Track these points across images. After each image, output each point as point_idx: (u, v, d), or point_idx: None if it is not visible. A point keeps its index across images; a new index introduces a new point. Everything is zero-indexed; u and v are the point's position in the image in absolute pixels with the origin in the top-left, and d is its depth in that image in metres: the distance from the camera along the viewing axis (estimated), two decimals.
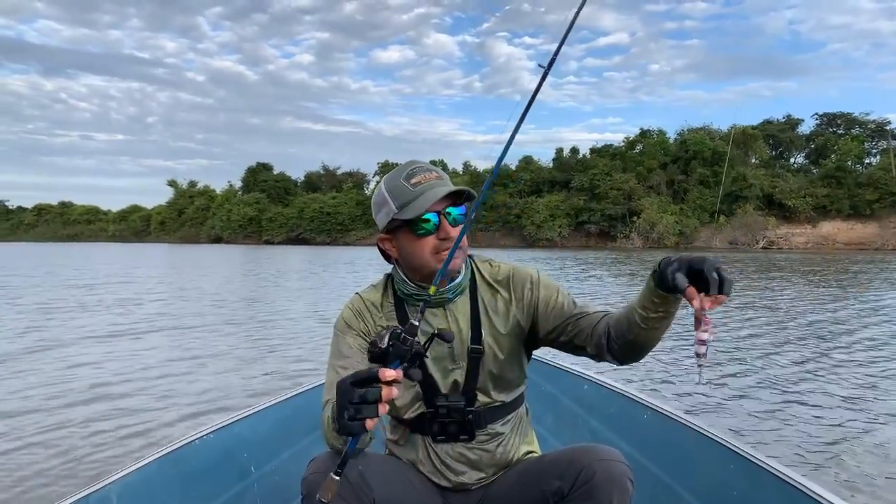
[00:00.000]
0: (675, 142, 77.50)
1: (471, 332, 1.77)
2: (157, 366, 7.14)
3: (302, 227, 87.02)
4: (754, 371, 6.71)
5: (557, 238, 71.04)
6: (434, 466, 1.81)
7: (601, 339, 1.64)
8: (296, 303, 14.12)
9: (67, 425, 4.90)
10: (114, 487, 1.80)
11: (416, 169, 1.71)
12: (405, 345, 1.37)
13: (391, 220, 1.71)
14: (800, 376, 6.45)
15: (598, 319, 1.67)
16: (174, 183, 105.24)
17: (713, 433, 2.15)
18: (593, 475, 1.52)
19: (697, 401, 5.53)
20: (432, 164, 1.75)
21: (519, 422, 1.87)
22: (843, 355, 7.59)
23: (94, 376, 6.58)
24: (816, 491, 1.69)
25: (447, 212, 1.69)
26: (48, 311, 12.16)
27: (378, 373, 1.30)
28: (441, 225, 1.68)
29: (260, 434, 2.39)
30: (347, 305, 1.85)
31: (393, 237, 1.76)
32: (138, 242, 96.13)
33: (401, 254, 1.76)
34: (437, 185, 1.68)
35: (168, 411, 5.32)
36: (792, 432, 4.65)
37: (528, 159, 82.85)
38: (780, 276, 21.53)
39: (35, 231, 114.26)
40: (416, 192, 1.66)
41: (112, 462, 4.07)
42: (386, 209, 1.71)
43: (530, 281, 1.80)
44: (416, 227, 1.68)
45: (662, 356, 7.50)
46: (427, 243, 1.69)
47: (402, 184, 1.69)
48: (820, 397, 5.63)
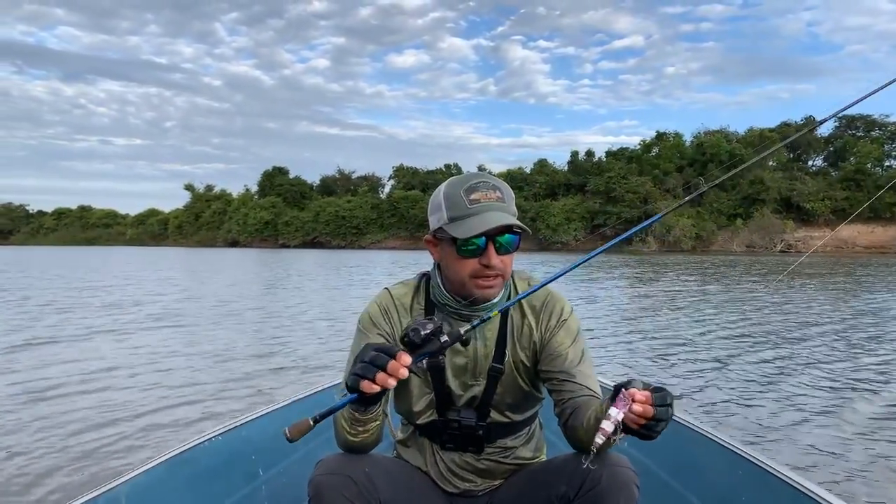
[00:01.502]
0: (691, 144, 77.09)
1: (494, 350, 1.73)
2: (171, 366, 7.18)
3: (317, 231, 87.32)
4: (763, 376, 6.64)
5: (573, 241, 70.78)
6: (440, 472, 1.80)
7: (564, 415, 1.64)
8: (309, 304, 14.19)
9: (75, 425, 4.92)
10: (122, 489, 1.81)
11: (479, 184, 1.63)
12: (433, 345, 1.45)
13: (440, 228, 1.66)
14: (823, 383, 6.38)
15: (578, 396, 1.64)
16: (191, 187, 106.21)
17: (721, 438, 2.12)
18: (600, 480, 1.50)
19: (708, 407, 5.48)
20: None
21: (531, 436, 1.86)
22: (870, 358, 7.50)
23: (104, 376, 6.64)
24: (826, 498, 1.66)
25: (498, 240, 1.62)
26: (63, 310, 12.29)
27: (397, 354, 1.36)
28: (487, 251, 1.61)
29: (268, 436, 2.39)
30: (375, 301, 1.80)
31: (438, 243, 1.71)
32: (156, 246, 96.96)
33: (442, 262, 1.72)
34: (495, 209, 1.60)
35: (177, 412, 5.35)
36: (803, 437, 4.60)
37: (542, 162, 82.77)
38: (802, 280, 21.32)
39: (54, 235, 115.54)
40: (471, 210, 1.59)
41: (121, 464, 4.09)
42: (438, 215, 1.66)
43: (559, 315, 1.75)
44: (462, 246, 1.62)
45: (668, 365, 7.44)
46: (468, 265, 1.63)
47: (460, 196, 1.61)
48: (837, 403, 5.56)
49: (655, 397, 1.27)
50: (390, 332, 1.75)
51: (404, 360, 1.34)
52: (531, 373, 1.75)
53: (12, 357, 7.83)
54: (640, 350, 8.28)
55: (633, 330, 10.08)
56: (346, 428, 1.56)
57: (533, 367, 1.75)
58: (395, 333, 1.75)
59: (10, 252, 67.94)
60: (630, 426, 1.29)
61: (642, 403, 1.26)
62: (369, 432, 1.57)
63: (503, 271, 1.64)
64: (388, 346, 1.39)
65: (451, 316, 1.74)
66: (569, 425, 1.61)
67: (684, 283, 20.55)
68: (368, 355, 1.37)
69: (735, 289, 18.32)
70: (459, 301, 1.71)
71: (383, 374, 1.34)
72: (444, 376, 1.74)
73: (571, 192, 76.79)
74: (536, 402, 1.83)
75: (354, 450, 1.61)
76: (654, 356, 7.78)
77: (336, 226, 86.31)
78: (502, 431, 1.78)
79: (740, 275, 25.13)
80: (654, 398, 1.27)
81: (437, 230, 1.68)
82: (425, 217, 1.76)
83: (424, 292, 1.80)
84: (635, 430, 1.30)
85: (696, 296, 16.13)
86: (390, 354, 1.35)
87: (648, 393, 1.27)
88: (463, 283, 1.66)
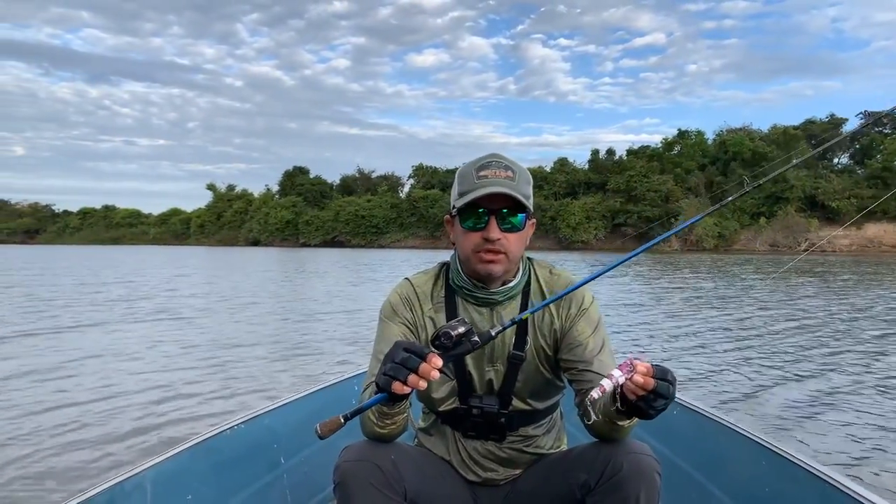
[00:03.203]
0: (713, 143, 76.19)
1: (514, 338, 1.73)
2: (199, 355, 7.27)
3: (338, 230, 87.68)
4: (790, 367, 6.56)
5: (593, 240, 70.37)
6: (462, 461, 1.80)
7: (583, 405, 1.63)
8: (330, 297, 14.27)
9: (96, 414, 5.02)
10: (147, 474, 1.83)
11: (491, 162, 1.65)
12: (464, 347, 1.44)
13: (452, 206, 1.70)
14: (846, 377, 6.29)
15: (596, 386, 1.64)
16: (213, 187, 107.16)
17: (744, 429, 2.10)
18: (621, 468, 1.50)
19: (729, 397, 5.43)
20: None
21: (552, 426, 1.86)
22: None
23: (125, 369, 6.74)
24: (853, 488, 1.63)
25: (502, 213, 1.63)
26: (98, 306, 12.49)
27: (427, 356, 1.34)
28: (489, 224, 1.62)
29: (290, 425, 2.41)
30: (396, 290, 1.81)
31: (452, 221, 1.73)
32: (178, 245, 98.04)
33: (455, 240, 1.74)
34: (500, 185, 1.60)
35: (200, 401, 5.42)
36: (830, 429, 4.53)
37: (563, 161, 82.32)
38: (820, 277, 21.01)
39: (80, 234, 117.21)
40: (477, 184, 1.62)
41: (145, 449, 4.17)
42: (453, 193, 1.71)
43: (580, 304, 1.74)
44: (463, 218, 1.65)
45: (690, 355, 7.38)
46: (471, 238, 1.65)
47: (471, 172, 1.65)
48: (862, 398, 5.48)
49: (656, 370, 1.30)
50: (412, 319, 1.76)
51: (435, 362, 1.34)
52: (552, 361, 1.75)
53: (72, 343, 8.00)
54: (660, 338, 8.24)
55: (653, 321, 10.01)
56: (374, 420, 1.56)
57: (554, 354, 1.74)
58: (416, 321, 1.76)
59: (43, 251, 69.06)
60: (628, 396, 1.33)
61: (643, 375, 1.28)
62: (396, 424, 1.58)
63: (507, 249, 1.64)
64: (418, 346, 1.37)
65: (468, 300, 1.74)
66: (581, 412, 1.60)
67: (704, 279, 20.36)
68: (399, 356, 1.36)
69: (749, 283, 18.11)
70: (474, 283, 1.71)
71: (415, 377, 1.33)
72: (464, 362, 1.74)
73: (592, 190, 76.28)
74: (558, 391, 1.83)
75: (381, 440, 1.62)
76: (673, 347, 7.73)
77: (356, 225, 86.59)
78: (524, 419, 1.78)
79: (753, 272, 24.84)
80: (656, 371, 1.30)
81: (452, 207, 1.71)
82: (444, 216, 1.78)
83: (444, 279, 1.81)
84: (634, 403, 1.34)
85: (712, 291, 15.97)
86: (421, 356, 1.34)
87: (650, 365, 1.30)
88: (468, 259, 1.67)
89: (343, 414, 1.37)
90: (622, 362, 1.32)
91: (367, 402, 1.41)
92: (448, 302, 1.77)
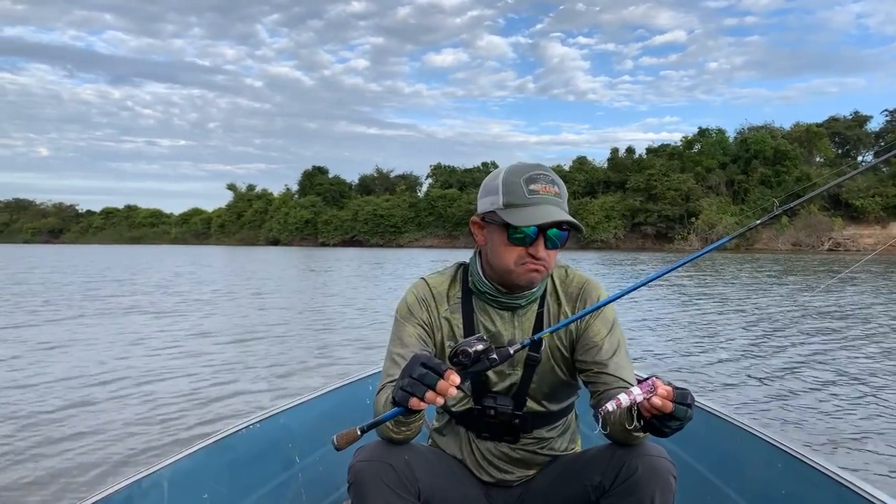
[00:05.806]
0: (734, 141, 75.44)
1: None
2: (209, 358, 7.34)
3: (356, 230, 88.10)
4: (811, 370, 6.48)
5: (612, 239, 70.01)
6: (476, 461, 1.80)
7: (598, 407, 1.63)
8: (346, 297, 14.34)
9: (112, 412, 5.07)
10: (164, 472, 1.86)
11: (539, 176, 1.63)
12: (482, 364, 1.44)
13: (492, 212, 1.66)
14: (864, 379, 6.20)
15: (612, 388, 1.62)
16: (233, 187, 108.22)
17: (760, 431, 2.08)
18: (636, 470, 1.49)
19: (745, 399, 5.37)
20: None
21: (567, 427, 1.85)
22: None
23: (143, 365, 6.82)
24: (869, 491, 1.61)
25: (549, 234, 1.63)
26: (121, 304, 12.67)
27: (445, 373, 1.34)
28: (536, 242, 1.62)
29: (305, 425, 2.43)
30: (412, 290, 1.80)
31: (486, 227, 1.70)
32: (199, 245, 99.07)
33: (487, 246, 1.71)
34: (552, 203, 1.61)
35: (213, 401, 5.48)
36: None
37: (582, 160, 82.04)
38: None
39: (102, 234, 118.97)
40: (529, 199, 1.60)
41: (163, 447, 4.22)
42: (493, 199, 1.66)
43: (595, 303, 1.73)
44: (514, 233, 1.62)
45: (705, 358, 7.31)
46: (515, 251, 1.63)
47: (520, 184, 1.62)
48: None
49: (677, 394, 1.31)
50: (427, 320, 1.75)
51: (453, 379, 1.34)
52: (568, 362, 1.74)
53: (110, 333, 8.13)
54: (678, 341, 8.17)
55: (673, 323, 9.94)
56: (390, 427, 1.56)
57: (570, 355, 1.74)
58: (432, 322, 1.76)
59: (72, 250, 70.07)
60: (644, 414, 1.34)
61: (663, 398, 1.29)
62: (412, 431, 1.58)
63: (547, 264, 1.65)
64: (436, 362, 1.36)
65: (489, 304, 1.74)
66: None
67: (726, 280, 20.16)
68: (417, 371, 1.35)
69: (777, 287, 17.90)
70: (497, 288, 1.71)
71: (432, 393, 1.33)
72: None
73: (611, 189, 75.91)
74: (573, 393, 1.82)
75: (395, 443, 1.62)
76: (691, 349, 7.66)
77: (374, 224, 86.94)
78: (538, 421, 1.77)
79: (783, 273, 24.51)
80: (676, 395, 1.31)
81: (488, 213, 1.67)
82: (463, 215, 1.76)
83: (461, 281, 1.80)
84: (648, 420, 1.35)
85: (735, 293, 15.81)
86: (439, 373, 1.34)
87: (671, 388, 1.30)
88: (508, 270, 1.65)
89: (360, 427, 1.38)
90: (644, 379, 1.31)
91: (384, 415, 1.42)
92: (464, 303, 1.76)
